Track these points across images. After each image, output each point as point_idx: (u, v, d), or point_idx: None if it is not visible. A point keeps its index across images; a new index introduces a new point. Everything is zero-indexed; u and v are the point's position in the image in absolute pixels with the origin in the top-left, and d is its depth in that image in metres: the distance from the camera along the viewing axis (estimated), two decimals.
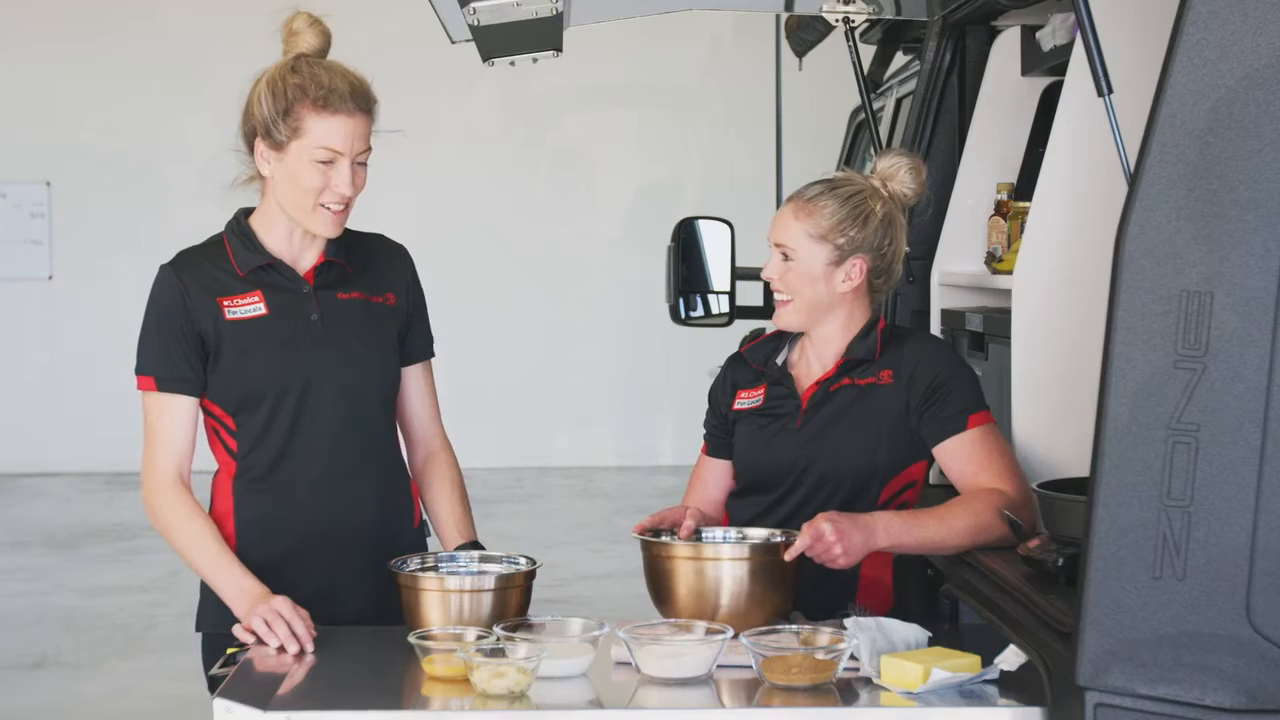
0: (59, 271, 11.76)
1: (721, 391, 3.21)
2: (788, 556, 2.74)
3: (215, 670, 2.69)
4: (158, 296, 2.97)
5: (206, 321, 2.93)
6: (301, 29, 2.95)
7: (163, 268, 2.99)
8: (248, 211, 3.04)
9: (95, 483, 11.18)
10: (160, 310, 2.96)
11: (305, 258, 3.00)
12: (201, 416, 2.99)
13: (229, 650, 2.77)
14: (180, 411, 2.95)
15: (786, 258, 3.05)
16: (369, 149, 2.94)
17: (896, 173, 3.09)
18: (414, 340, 3.12)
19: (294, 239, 2.99)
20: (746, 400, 3.15)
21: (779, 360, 3.16)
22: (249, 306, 2.95)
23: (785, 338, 3.18)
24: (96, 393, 11.58)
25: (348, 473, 2.99)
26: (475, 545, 3.05)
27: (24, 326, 11.76)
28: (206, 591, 3.03)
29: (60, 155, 11.64)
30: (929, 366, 3.02)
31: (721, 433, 3.20)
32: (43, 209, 11.68)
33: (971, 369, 3.14)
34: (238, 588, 2.85)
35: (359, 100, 2.91)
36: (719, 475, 3.21)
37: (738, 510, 3.13)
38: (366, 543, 2.98)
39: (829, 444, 3.04)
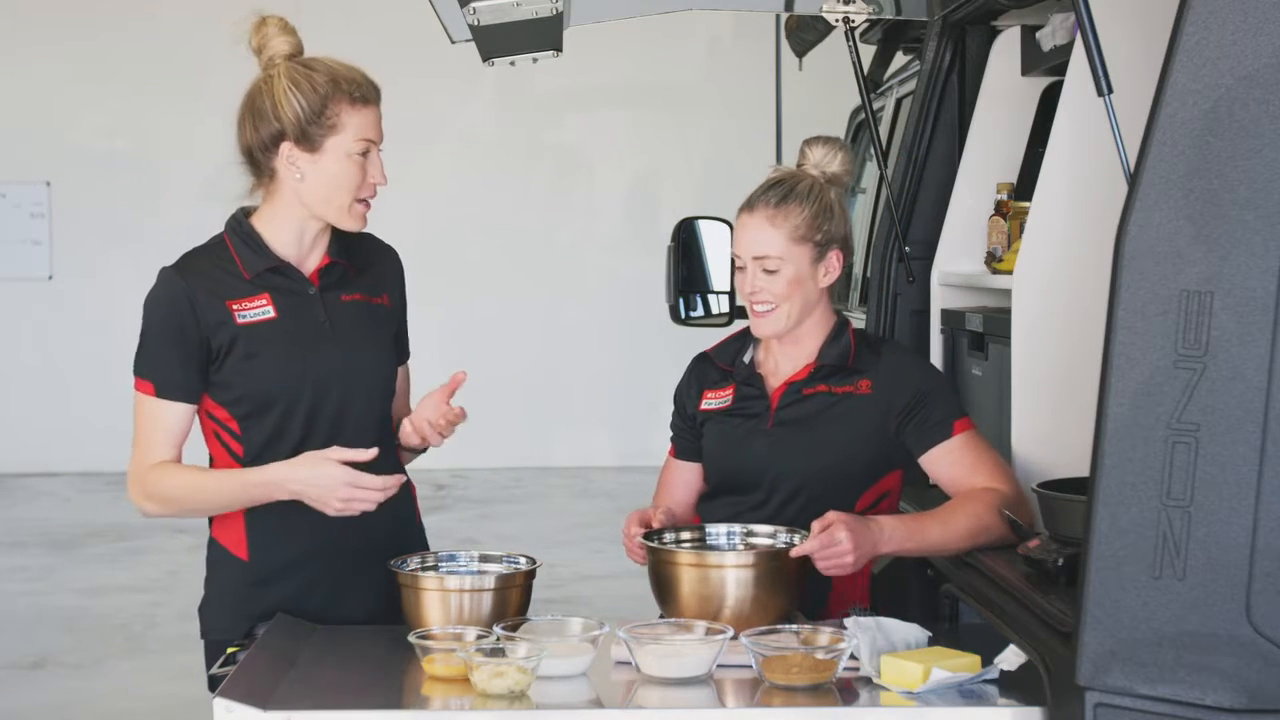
0: (59, 271, 11.76)
1: (686, 393, 3.18)
2: (794, 554, 2.73)
3: (215, 670, 2.69)
4: (161, 300, 2.92)
5: (215, 326, 2.90)
6: (278, 32, 2.92)
7: (165, 271, 2.95)
8: (248, 211, 3.00)
9: (95, 483, 11.18)
10: (163, 315, 2.91)
11: (310, 259, 2.98)
12: (199, 420, 2.97)
13: (229, 650, 2.77)
14: (175, 418, 2.92)
15: (769, 269, 3.01)
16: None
17: (832, 160, 3.08)
18: (400, 342, 3.13)
19: (304, 241, 2.97)
20: (714, 401, 3.13)
21: (745, 359, 3.15)
22: (258, 310, 2.92)
23: (750, 337, 3.16)
24: (96, 393, 11.57)
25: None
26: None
27: (24, 326, 11.76)
28: (209, 598, 3.02)
29: (60, 155, 11.64)
30: (909, 378, 3.02)
31: (689, 435, 3.18)
32: (43, 209, 11.68)
33: (948, 377, 3.13)
34: (275, 484, 2.83)
35: (376, 90, 2.93)
36: (687, 478, 3.19)
37: (711, 513, 3.09)
38: (373, 544, 2.96)
39: (801, 447, 3.02)
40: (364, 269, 3.05)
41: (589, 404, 11.96)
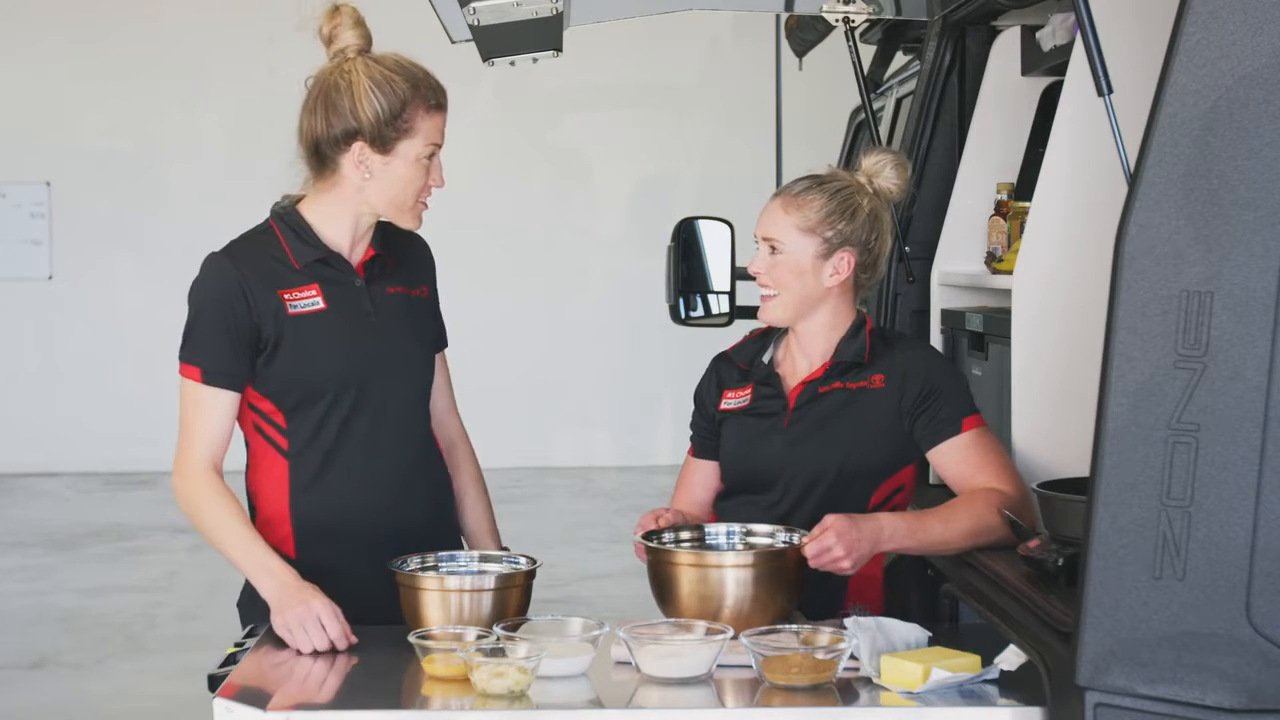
0: (59, 271, 11.76)
1: (707, 392, 3.20)
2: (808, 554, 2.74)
3: (215, 670, 2.69)
4: (211, 286, 2.90)
5: (267, 315, 2.89)
6: (351, 24, 2.91)
7: (215, 256, 2.93)
8: (295, 199, 2.99)
9: (95, 483, 11.18)
10: (214, 300, 2.89)
11: (357, 251, 2.98)
12: (241, 412, 2.94)
13: (229, 650, 2.77)
14: (222, 406, 2.90)
15: (774, 250, 3.05)
16: None
17: (882, 169, 3.10)
18: (436, 331, 3.14)
19: (357, 233, 2.97)
20: (733, 400, 3.15)
21: (765, 359, 3.16)
22: (308, 300, 2.91)
23: (771, 337, 3.18)
24: (96, 393, 11.58)
25: (400, 468, 2.98)
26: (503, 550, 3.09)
27: (24, 326, 11.76)
28: (252, 592, 3.01)
29: (60, 155, 11.64)
30: (921, 372, 3.02)
31: (708, 434, 3.20)
32: (43, 209, 11.68)
33: (961, 373, 3.14)
34: (266, 569, 2.80)
35: (446, 94, 2.94)
36: (705, 476, 3.20)
37: (726, 513, 3.11)
38: (418, 538, 2.94)
39: (817, 445, 3.03)
40: (401, 261, 3.06)
41: (589, 404, 11.96)
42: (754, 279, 3.12)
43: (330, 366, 2.91)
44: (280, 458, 2.95)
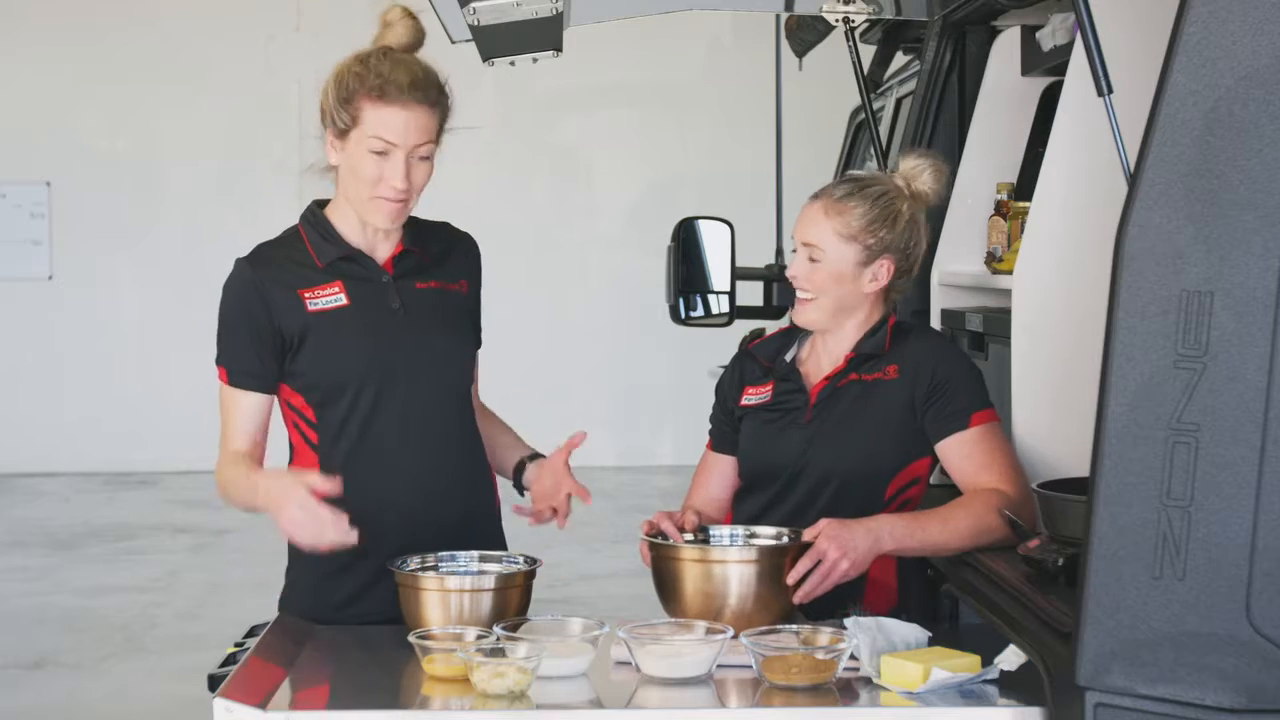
0: (59, 271, 11.75)
1: (730, 386, 3.20)
2: (791, 580, 2.74)
3: (215, 670, 2.69)
4: (231, 291, 2.97)
5: (287, 315, 2.93)
6: (394, 21, 2.96)
7: (238, 262, 2.99)
8: (321, 203, 3.04)
9: (95, 483, 11.17)
10: (233, 306, 2.97)
11: (383, 247, 3.01)
12: (280, 409, 3.00)
13: (229, 650, 2.78)
14: (249, 406, 2.96)
15: (813, 258, 3.04)
16: (430, 142, 2.94)
17: (920, 173, 3.09)
18: (476, 329, 3.15)
19: (368, 229, 3.00)
20: (754, 396, 3.15)
21: (787, 357, 3.16)
22: (330, 297, 2.95)
23: (795, 335, 3.17)
24: (96, 393, 11.57)
25: (430, 466, 3.00)
26: (537, 454, 3.20)
27: (24, 326, 11.75)
28: (291, 586, 3.04)
29: (60, 155, 11.64)
30: (933, 363, 3.01)
31: (727, 428, 3.19)
32: (43, 209, 11.67)
33: (976, 366, 3.14)
34: (254, 488, 2.84)
35: (418, 92, 2.91)
36: (723, 470, 3.20)
37: (743, 508, 3.12)
38: (448, 538, 2.96)
39: (835, 440, 3.03)
40: (441, 257, 3.08)
41: (590, 404, 11.95)
42: (787, 281, 3.10)
43: (352, 362, 2.95)
44: (312, 452, 2.98)
